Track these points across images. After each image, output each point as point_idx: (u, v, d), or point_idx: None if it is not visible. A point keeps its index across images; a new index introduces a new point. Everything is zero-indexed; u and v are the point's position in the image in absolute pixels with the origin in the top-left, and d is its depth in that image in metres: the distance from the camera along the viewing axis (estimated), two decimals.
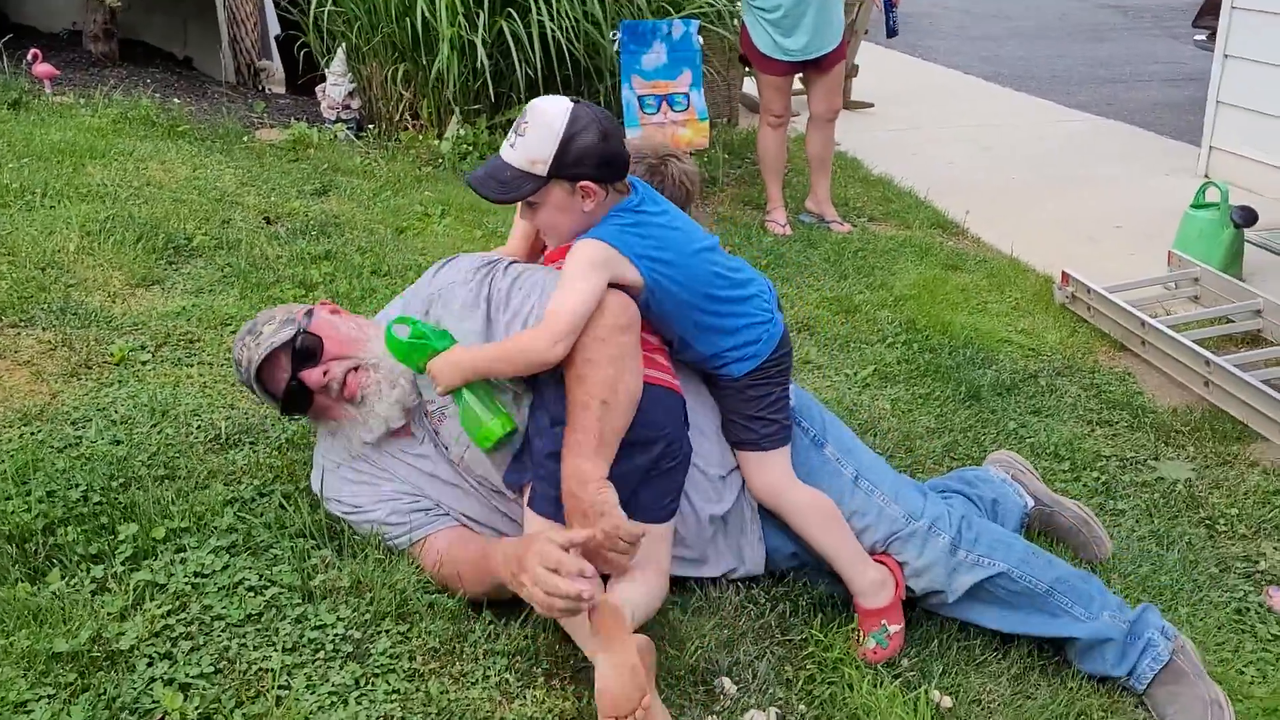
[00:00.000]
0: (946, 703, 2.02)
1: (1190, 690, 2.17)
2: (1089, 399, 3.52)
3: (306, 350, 2.08)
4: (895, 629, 2.11)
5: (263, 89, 6.87)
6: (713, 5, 5.89)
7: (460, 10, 5.24)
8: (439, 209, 4.46)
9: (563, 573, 1.72)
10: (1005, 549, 2.21)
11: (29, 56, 5.77)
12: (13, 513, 2.07)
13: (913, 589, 2.18)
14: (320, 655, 1.85)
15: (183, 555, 2.03)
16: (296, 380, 2.08)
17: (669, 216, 2.09)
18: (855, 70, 7.61)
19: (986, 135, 7.09)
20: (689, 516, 2.11)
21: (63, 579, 1.95)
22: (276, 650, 1.84)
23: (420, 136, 5.57)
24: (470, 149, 5.33)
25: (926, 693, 1.99)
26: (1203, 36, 10.27)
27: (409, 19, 5.37)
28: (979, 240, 5.10)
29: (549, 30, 5.20)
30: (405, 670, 1.85)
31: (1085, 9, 13.00)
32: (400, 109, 5.74)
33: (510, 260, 2.20)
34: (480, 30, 5.22)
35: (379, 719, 1.75)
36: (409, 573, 2.02)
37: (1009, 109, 8.00)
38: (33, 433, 2.42)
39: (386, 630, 1.92)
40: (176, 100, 5.98)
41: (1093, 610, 2.21)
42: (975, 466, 2.86)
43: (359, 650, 1.87)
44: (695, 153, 5.17)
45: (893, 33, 8.04)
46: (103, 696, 1.71)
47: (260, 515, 2.17)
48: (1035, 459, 3.07)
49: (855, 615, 2.16)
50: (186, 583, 1.96)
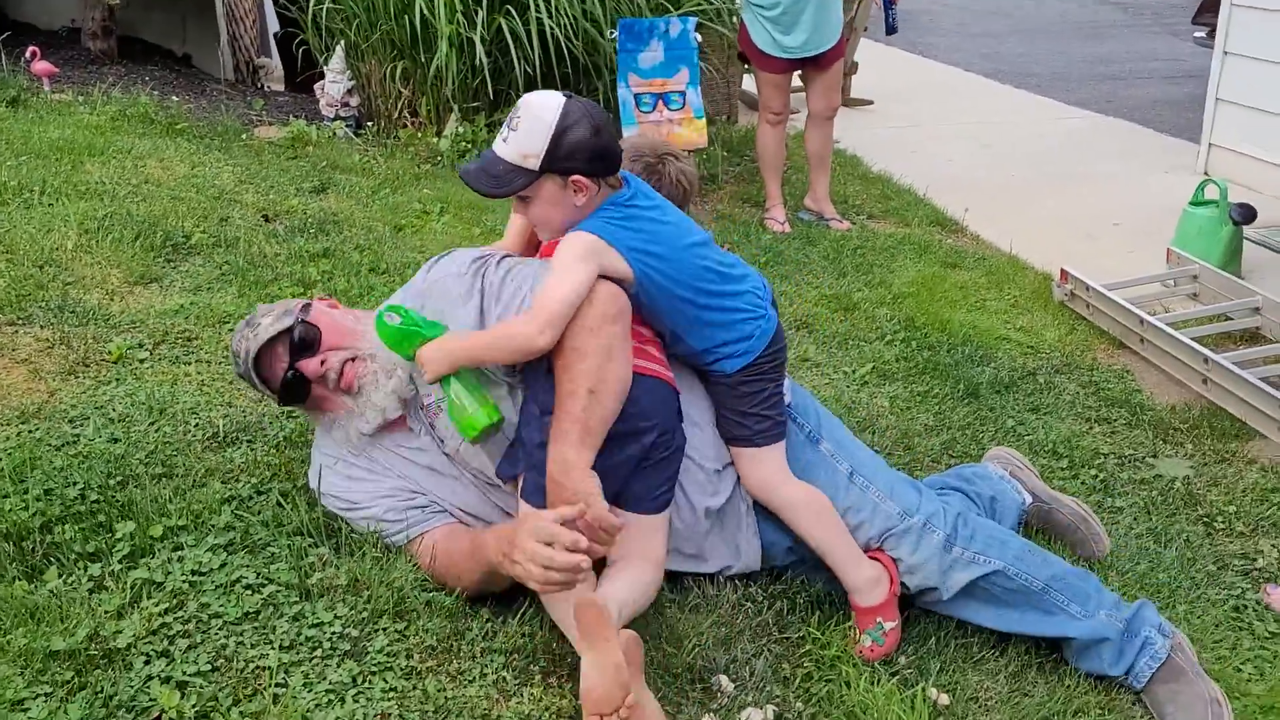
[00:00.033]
0: (944, 700, 2.02)
1: (1189, 688, 2.17)
2: (1087, 396, 3.52)
3: (305, 340, 2.09)
4: (891, 626, 2.11)
5: (261, 86, 6.86)
6: (711, 3, 5.88)
7: (459, 8, 5.24)
8: (438, 206, 4.46)
9: (557, 546, 1.73)
10: (1001, 546, 2.21)
11: (27, 54, 5.77)
12: (10, 511, 2.06)
13: (907, 586, 2.18)
14: (317, 653, 1.85)
15: (180, 553, 2.03)
16: (294, 370, 2.08)
17: (661, 211, 2.09)
18: (855, 67, 7.60)
19: (986, 132, 7.08)
20: (684, 509, 2.11)
21: (60, 577, 1.94)
22: (274, 648, 1.84)
23: (419, 134, 5.57)
24: (469, 146, 5.32)
25: (924, 690, 2.00)
26: (1202, 33, 10.26)
27: (408, 16, 5.37)
28: (978, 238, 5.10)
29: (548, 28, 5.20)
30: (402, 668, 1.85)
31: (1085, 6, 12.99)
32: (399, 106, 5.74)
33: (504, 255, 2.20)
34: (479, 27, 5.22)
35: (376, 717, 1.75)
36: (406, 570, 2.02)
37: (1009, 106, 8.00)
38: (30, 430, 2.42)
39: (384, 628, 1.92)
40: (175, 98, 5.98)
41: (1089, 608, 2.20)
42: (973, 463, 2.86)
43: (356, 648, 1.87)
44: (694, 151, 5.16)
45: (892, 30, 8.03)
46: (100, 695, 1.71)
47: (258, 513, 2.17)
48: (1033, 456, 3.07)
49: (852, 613, 2.16)
50: (184, 581, 1.96)
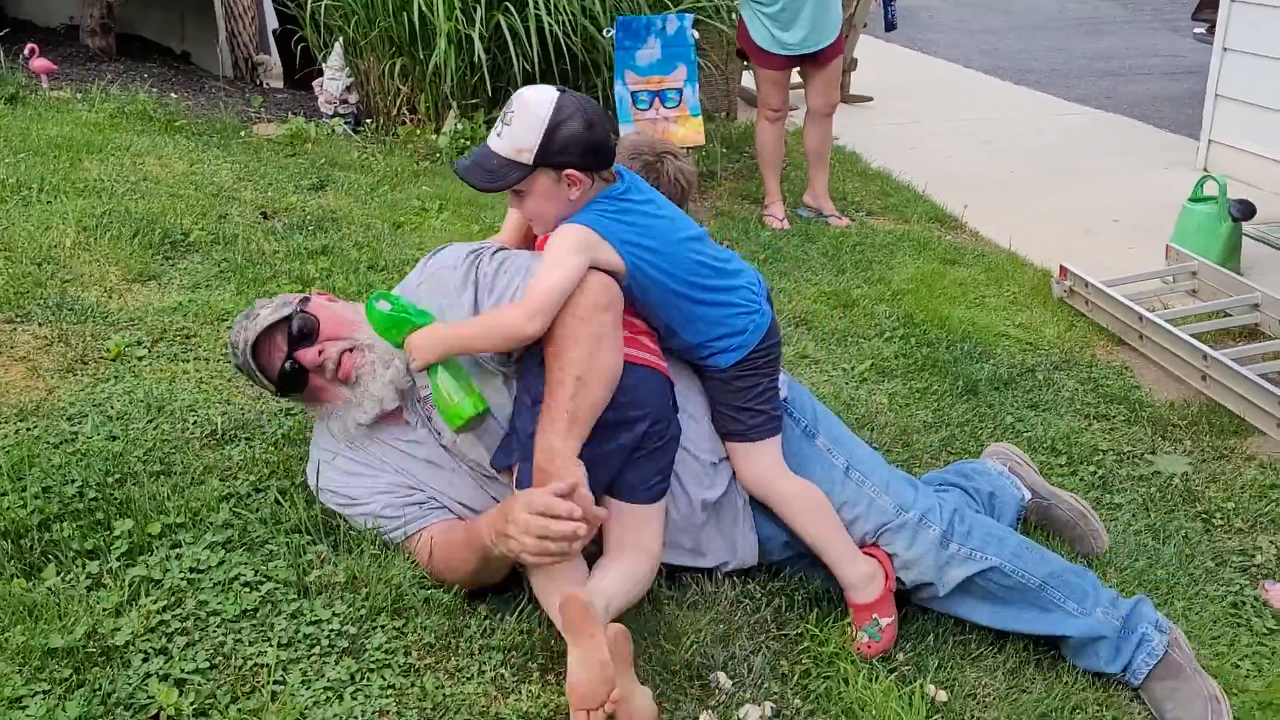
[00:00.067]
0: (942, 697, 2.02)
1: (1188, 685, 2.17)
2: (1086, 393, 3.52)
3: (303, 329, 2.10)
4: (887, 622, 2.11)
5: (260, 84, 6.86)
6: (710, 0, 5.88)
7: (457, 5, 5.24)
8: (436, 204, 4.46)
9: (551, 515, 1.76)
10: (998, 543, 2.20)
11: (26, 51, 5.76)
12: (8, 508, 2.07)
13: (903, 581, 2.18)
14: (316, 650, 1.85)
15: (178, 551, 2.03)
16: (292, 359, 2.09)
17: (654, 205, 2.10)
18: (854, 64, 7.60)
19: (985, 129, 7.08)
20: (681, 501, 2.12)
21: (58, 575, 1.94)
22: (272, 645, 1.84)
23: (418, 131, 5.56)
24: (468, 143, 5.32)
25: (922, 687, 2.00)
26: (1202, 29, 10.24)
27: (406, 13, 5.36)
28: (977, 234, 5.10)
29: (546, 24, 5.19)
30: (401, 665, 1.85)
31: (1085, 2, 12.99)
32: (398, 103, 5.74)
33: (498, 247, 2.22)
34: (477, 24, 5.22)
35: (374, 714, 1.75)
36: (404, 568, 2.02)
37: (1008, 102, 7.99)
38: (29, 428, 2.42)
39: (382, 625, 1.92)
40: (174, 95, 5.97)
41: (1086, 606, 2.20)
42: (972, 460, 2.86)
43: (354, 645, 1.87)
44: (692, 148, 5.16)
45: (891, 26, 8.02)
46: (98, 692, 1.71)
47: (256, 511, 2.17)
48: (1032, 453, 3.07)
49: (849, 610, 2.16)
50: (182, 578, 1.96)
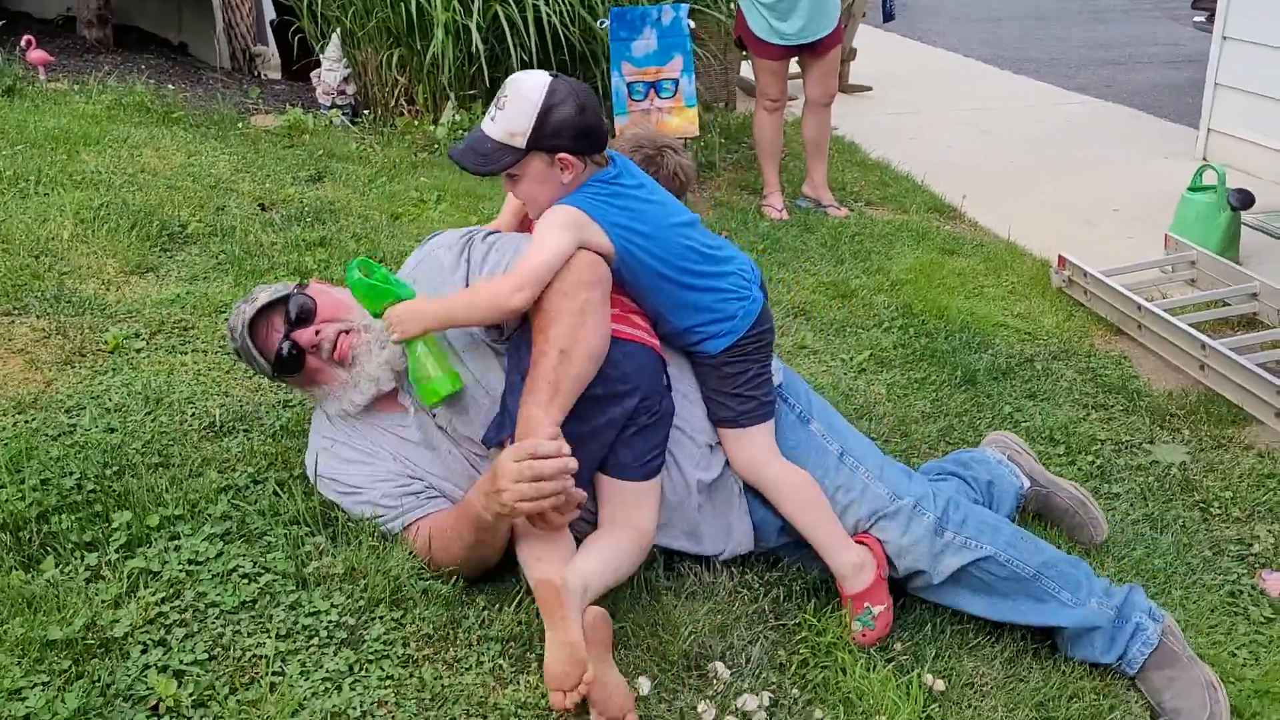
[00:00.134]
0: (939, 686, 2.02)
1: (1185, 674, 2.18)
2: (1085, 383, 3.52)
3: (301, 311, 2.12)
4: (879, 610, 2.11)
5: (258, 75, 6.85)
6: None
7: None
8: (434, 195, 4.46)
9: (540, 455, 1.79)
10: (993, 532, 2.20)
11: (23, 43, 5.76)
12: (7, 501, 2.07)
13: (895, 568, 2.18)
14: (314, 642, 1.85)
15: (177, 543, 2.03)
16: (289, 340, 2.10)
17: (646, 190, 2.11)
18: (853, 54, 7.58)
19: (985, 118, 7.07)
20: (676, 481, 2.12)
21: (57, 567, 1.95)
22: (270, 637, 1.84)
23: (416, 122, 5.55)
24: (465, 134, 5.31)
25: (919, 676, 2.00)
26: (1202, 18, 10.21)
27: (403, 4, 5.36)
28: (976, 224, 5.10)
29: (544, 15, 5.18)
30: (399, 656, 1.85)
31: None
32: (395, 94, 5.73)
33: (490, 230, 2.25)
34: (475, 15, 5.21)
35: (373, 705, 1.75)
36: (403, 559, 2.02)
37: (1008, 92, 7.98)
38: (27, 421, 2.42)
39: (380, 617, 1.92)
40: (171, 86, 5.97)
41: (1080, 596, 2.20)
42: (971, 448, 2.86)
43: (353, 637, 1.88)
44: (689, 139, 5.15)
45: (889, 17, 8.01)
46: (97, 684, 1.71)
47: (254, 502, 2.17)
48: (1031, 443, 3.07)
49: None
50: (180, 570, 1.96)
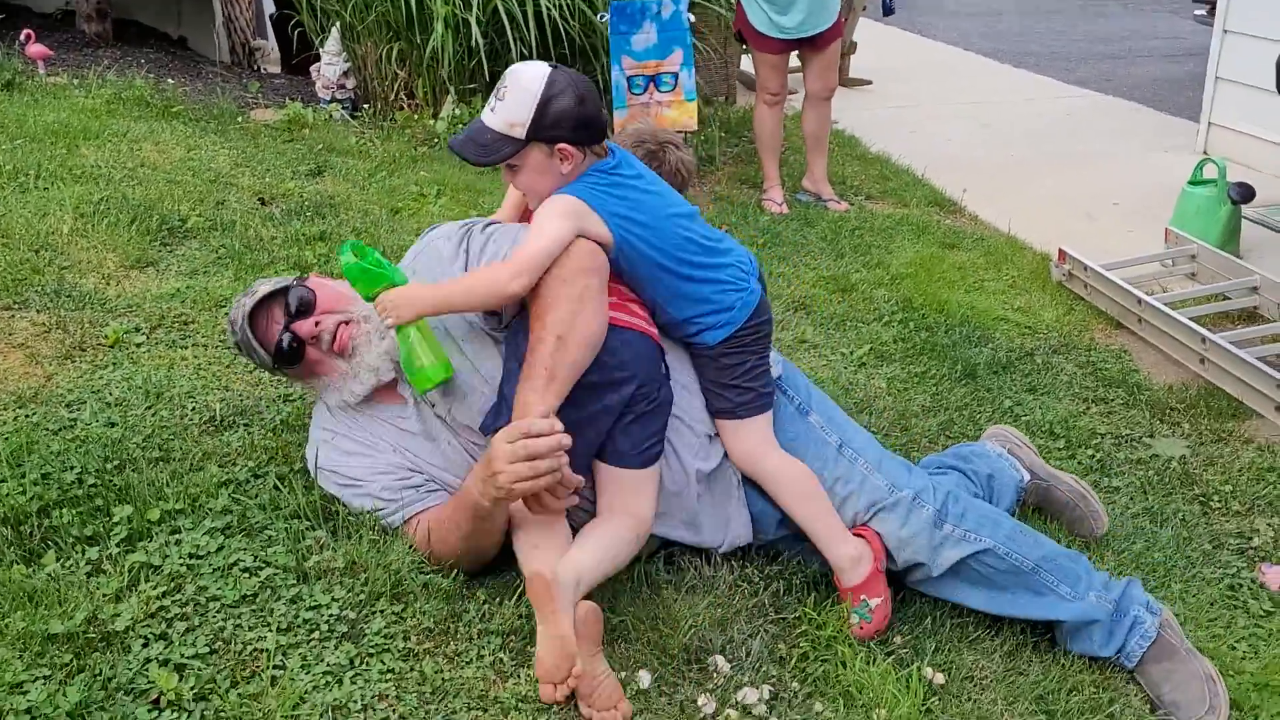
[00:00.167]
0: (939, 679, 2.03)
1: (1184, 667, 2.18)
2: (1085, 376, 3.52)
3: (300, 302, 2.14)
4: (876, 602, 2.11)
5: (257, 69, 6.84)
6: None
7: None
8: (434, 189, 4.45)
9: (533, 434, 1.80)
10: (992, 525, 2.21)
11: (22, 37, 5.75)
12: (8, 495, 2.07)
13: (894, 561, 2.18)
14: (315, 635, 1.86)
15: (177, 537, 2.03)
16: (289, 332, 2.11)
17: (645, 181, 2.12)
18: (854, 47, 7.57)
19: (985, 112, 7.07)
20: (675, 469, 2.12)
21: (58, 561, 1.95)
22: (271, 631, 1.84)
23: (415, 116, 5.55)
24: (465, 127, 5.31)
25: (919, 670, 2.00)
26: (1202, 11, 10.20)
27: None
28: (976, 218, 5.10)
29: (543, 8, 5.17)
30: (400, 650, 1.86)
31: None
32: (395, 88, 5.72)
33: (489, 221, 2.26)
34: (474, 8, 5.20)
35: (374, 698, 1.76)
36: (403, 553, 2.02)
37: (1008, 85, 7.98)
38: (27, 415, 2.42)
39: (381, 610, 1.92)
40: (171, 81, 5.96)
41: (1079, 590, 2.21)
42: (971, 442, 2.86)
43: (354, 630, 1.88)
44: (689, 133, 5.14)
45: (889, 11, 7.99)
46: (98, 677, 1.71)
47: (255, 497, 2.18)
48: (1031, 436, 3.07)
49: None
50: (181, 564, 1.96)
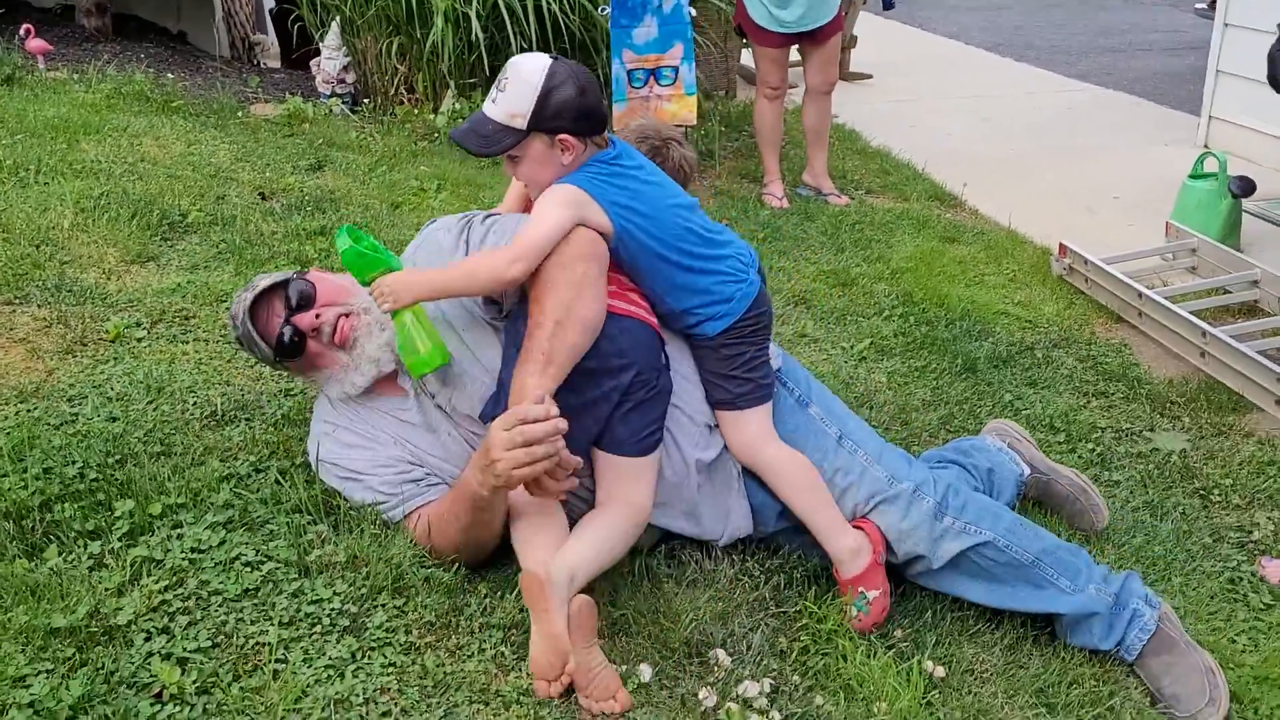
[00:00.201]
0: (940, 673, 2.03)
1: (1184, 660, 2.19)
2: (1085, 370, 3.52)
3: (301, 295, 2.14)
4: (874, 595, 2.11)
5: (257, 63, 6.84)
6: None
7: None
8: (435, 184, 4.45)
9: (529, 420, 1.80)
10: (992, 518, 2.21)
11: (21, 32, 5.74)
12: (9, 490, 2.07)
13: (895, 553, 2.18)
14: (317, 629, 1.86)
15: (179, 531, 2.04)
16: (290, 325, 2.12)
17: (645, 171, 2.13)
18: (854, 41, 7.56)
19: (986, 106, 7.06)
20: (675, 459, 2.13)
21: (60, 555, 1.95)
22: (273, 624, 1.85)
23: (416, 110, 5.54)
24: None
25: (920, 663, 2.01)
26: (1203, 5, 10.20)
27: None
28: (977, 212, 5.09)
29: (544, 2, 5.16)
30: (401, 644, 1.86)
31: None
32: (395, 83, 5.72)
33: (490, 213, 2.27)
34: (474, 2, 5.19)
35: (375, 692, 1.76)
36: (404, 547, 2.03)
37: (1009, 79, 7.97)
38: (29, 410, 2.42)
39: (382, 604, 1.93)
40: (170, 75, 5.96)
41: (1079, 583, 2.21)
42: (971, 436, 2.86)
43: (355, 624, 1.88)
44: (688, 128, 5.14)
45: (889, 5, 7.98)
46: (101, 671, 1.72)
47: (256, 491, 2.18)
48: (1031, 431, 3.07)
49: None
50: (183, 558, 1.97)
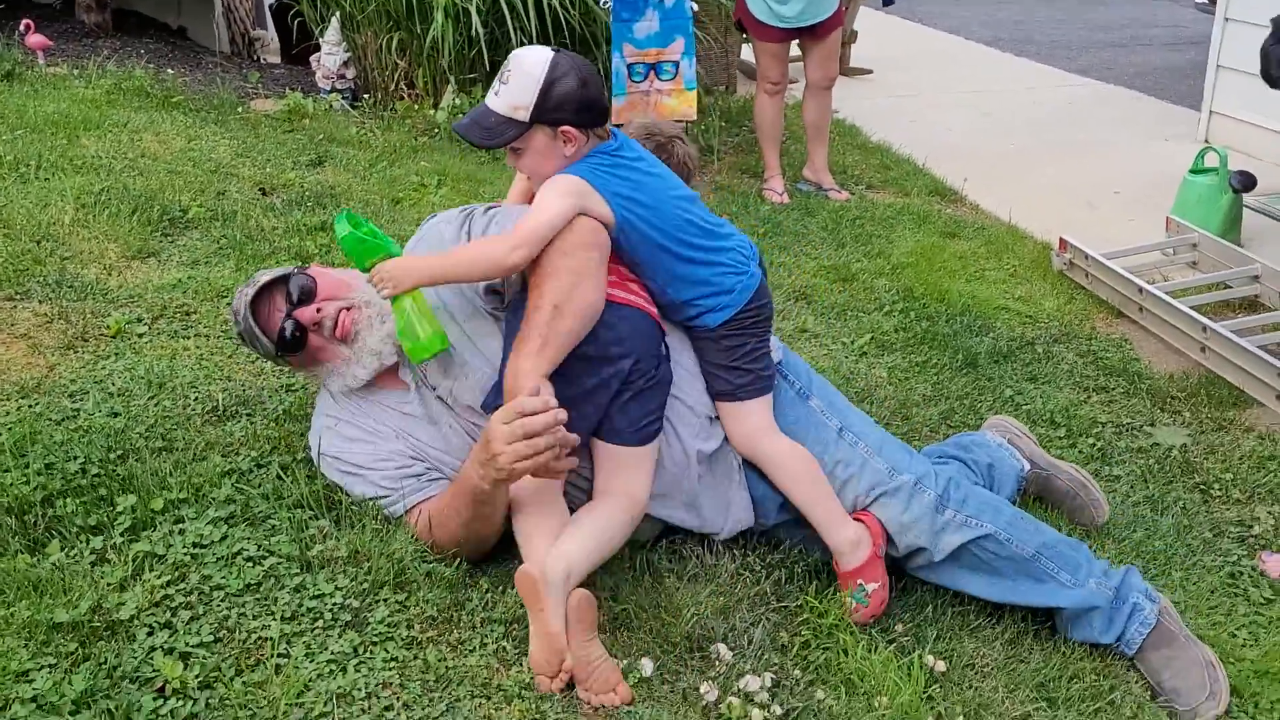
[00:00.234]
0: (940, 667, 2.03)
1: (1184, 654, 2.19)
2: (1086, 366, 3.52)
3: (301, 290, 2.15)
4: (873, 587, 2.12)
5: (257, 59, 6.83)
6: None
7: None
8: (435, 179, 4.45)
9: (528, 412, 1.81)
10: (993, 512, 2.21)
11: (21, 27, 5.74)
12: (12, 485, 2.07)
13: (896, 546, 2.19)
14: (319, 624, 1.87)
15: (181, 526, 2.04)
16: (291, 319, 2.13)
17: (647, 163, 2.14)
18: (854, 36, 7.56)
19: (986, 101, 7.05)
20: (676, 450, 2.13)
21: (62, 550, 1.96)
22: (275, 619, 1.85)
23: (416, 106, 5.54)
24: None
25: (920, 657, 2.01)
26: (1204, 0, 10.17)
27: None
28: (977, 207, 5.09)
29: None
30: (403, 638, 1.87)
31: None
32: (395, 78, 5.71)
33: (491, 205, 2.28)
34: None
35: (377, 686, 1.76)
36: (406, 542, 2.03)
37: (1009, 74, 7.96)
38: (30, 405, 2.43)
39: (384, 599, 1.93)
40: (170, 71, 5.95)
41: (1079, 577, 2.21)
42: (971, 432, 2.87)
43: (357, 619, 1.89)
44: (689, 122, 5.13)
45: (888, 1, 7.98)
46: (103, 665, 1.72)
47: (258, 486, 2.18)
48: (1032, 425, 3.07)
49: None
50: (185, 553, 1.97)
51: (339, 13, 5.79)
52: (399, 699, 1.75)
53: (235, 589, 1.90)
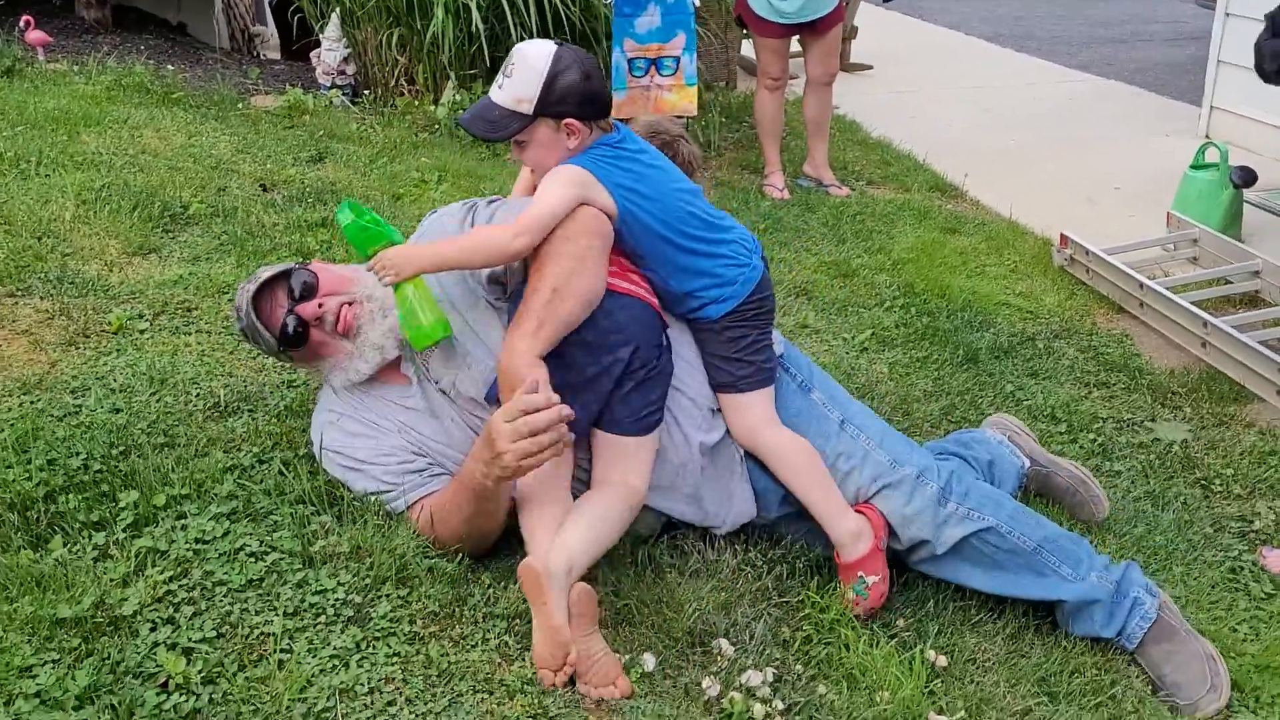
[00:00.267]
0: (942, 662, 2.04)
1: (1184, 648, 2.20)
2: (1086, 361, 3.52)
3: (303, 286, 2.15)
4: (874, 579, 2.12)
5: (257, 55, 6.83)
6: None
7: None
8: (436, 175, 4.45)
9: (530, 409, 1.81)
10: (995, 505, 2.22)
11: (21, 23, 5.73)
12: (14, 481, 2.08)
13: (899, 538, 2.19)
14: (321, 619, 1.87)
15: (183, 522, 2.04)
16: (293, 315, 2.13)
17: (649, 155, 2.15)
18: (854, 32, 7.55)
19: (986, 96, 7.05)
20: (679, 442, 2.14)
21: (65, 546, 1.96)
22: (278, 615, 1.85)
23: (416, 102, 5.53)
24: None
25: (922, 652, 2.01)
26: None
27: None
28: (978, 203, 5.09)
29: None
30: (405, 634, 1.87)
31: None
32: (396, 74, 5.71)
33: (494, 198, 2.29)
34: None
35: (380, 681, 1.77)
36: (408, 538, 2.03)
37: (1009, 70, 7.96)
38: (32, 401, 2.43)
39: (386, 594, 1.93)
40: (171, 67, 5.95)
41: (1080, 571, 2.22)
42: (971, 429, 2.87)
43: (359, 614, 1.89)
44: (689, 118, 5.13)
45: None
46: (106, 661, 1.72)
47: (260, 482, 2.18)
48: (1032, 421, 3.08)
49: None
50: (188, 549, 1.97)
51: (339, 8, 5.79)
52: (401, 694, 1.75)
53: (238, 584, 1.91)
